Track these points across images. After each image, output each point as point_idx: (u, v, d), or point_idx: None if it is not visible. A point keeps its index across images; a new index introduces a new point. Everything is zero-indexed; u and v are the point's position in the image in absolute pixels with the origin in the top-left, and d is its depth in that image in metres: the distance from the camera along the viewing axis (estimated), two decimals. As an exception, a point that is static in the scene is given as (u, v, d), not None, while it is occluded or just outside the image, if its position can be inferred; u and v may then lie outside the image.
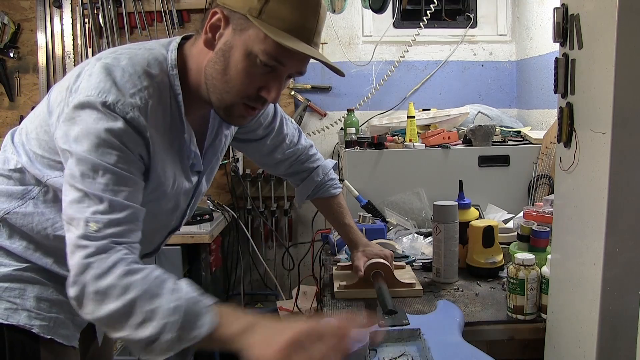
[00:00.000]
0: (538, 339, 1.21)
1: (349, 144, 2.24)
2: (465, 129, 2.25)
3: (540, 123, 2.62)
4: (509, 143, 2.25)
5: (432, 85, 2.97)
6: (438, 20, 2.94)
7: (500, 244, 1.55)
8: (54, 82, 2.80)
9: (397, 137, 2.34)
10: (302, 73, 1.00)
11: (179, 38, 1.02)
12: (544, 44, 2.59)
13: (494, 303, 1.35)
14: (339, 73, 1.00)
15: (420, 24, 2.85)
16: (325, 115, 2.98)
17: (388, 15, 2.88)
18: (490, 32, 3.00)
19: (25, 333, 0.99)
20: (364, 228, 1.67)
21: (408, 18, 2.97)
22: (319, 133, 2.97)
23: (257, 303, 3.10)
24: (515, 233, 1.49)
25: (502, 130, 2.36)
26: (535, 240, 1.37)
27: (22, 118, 2.83)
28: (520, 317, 1.24)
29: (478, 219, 1.61)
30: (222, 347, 0.82)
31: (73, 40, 2.90)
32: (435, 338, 1.09)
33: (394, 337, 1.13)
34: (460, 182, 1.63)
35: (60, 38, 2.89)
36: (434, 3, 2.79)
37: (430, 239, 1.70)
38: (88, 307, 0.82)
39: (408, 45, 2.91)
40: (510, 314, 1.26)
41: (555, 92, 1.07)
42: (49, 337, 1.01)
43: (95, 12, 2.84)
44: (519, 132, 2.36)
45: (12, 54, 2.88)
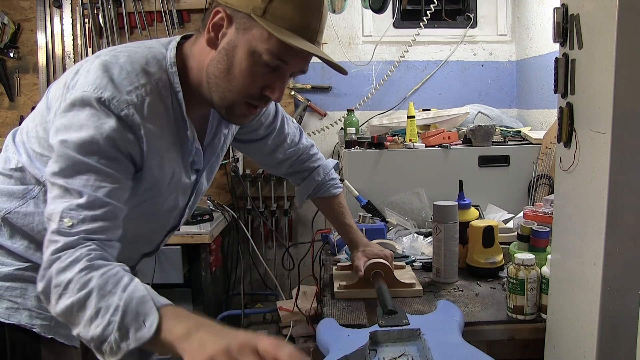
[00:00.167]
0: (538, 339, 1.21)
1: (349, 144, 2.24)
2: (465, 129, 2.25)
3: (540, 123, 2.62)
4: (509, 143, 2.25)
5: (432, 85, 2.97)
6: (438, 20, 2.94)
7: (500, 244, 1.55)
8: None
9: (397, 137, 2.34)
10: (304, 71, 1.00)
11: (179, 37, 1.03)
12: (544, 44, 2.59)
13: (494, 303, 1.35)
14: (342, 71, 1.00)
15: (420, 24, 2.85)
16: (325, 115, 2.98)
17: (388, 15, 2.88)
18: (490, 32, 3.00)
19: (27, 332, 1.00)
20: (364, 228, 1.67)
21: (408, 18, 2.97)
22: (319, 133, 2.97)
23: (257, 303, 3.10)
24: (515, 233, 1.49)
25: (502, 130, 2.36)
26: (535, 240, 1.37)
27: (22, 118, 2.85)
28: (520, 317, 1.24)
29: (478, 219, 1.61)
30: (168, 352, 0.78)
31: (73, 40, 2.89)
32: (435, 338, 1.09)
33: (394, 337, 1.13)
34: (460, 182, 1.63)
35: (60, 38, 2.89)
36: (434, 3, 2.79)
37: (430, 239, 1.70)
38: (52, 301, 0.82)
39: (408, 45, 2.91)
40: (510, 314, 1.26)
41: (555, 92, 1.07)
42: (50, 336, 1.01)
43: (95, 12, 2.84)
44: (519, 132, 2.36)
45: (12, 54, 2.88)
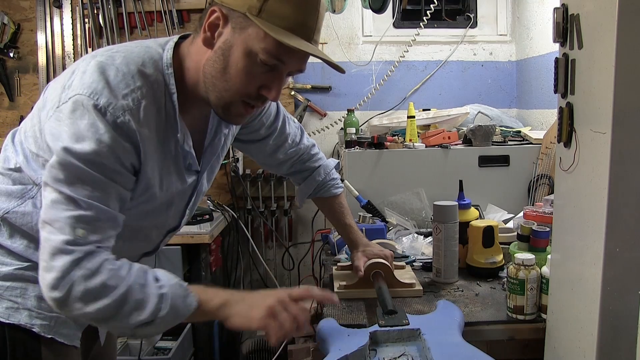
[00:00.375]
0: (538, 339, 1.21)
1: (349, 144, 2.24)
2: (465, 129, 2.25)
3: (540, 123, 2.62)
4: (509, 143, 2.25)
5: (432, 85, 2.97)
6: (438, 20, 2.94)
7: (500, 244, 1.55)
8: (54, 82, 2.79)
9: (397, 137, 2.34)
10: (302, 71, 1.00)
11: (177, 37, 1.02)
12: (544, 44, 2.59)
13: (494, 303, 1.35)
14: (340, 70, 1.00)
15: (420, 24, 2.85)
16: (325, 115, 2.98)
17: (388, 15, 2.88)
18: (490, 32, 3.00)
19: (27, 332, 0.99)
20: (364, 228, 1.67)
21: (408, 18, 2.97)
22: (319, 133, 2.97)
23: (257, 303, 3.10)
24: (515, 233, 1.49)
25: (502, 130, 2.36)
26: (535, 240, 1.37)
27: (22, 118, 2.84)
28: (520, 317, 1.24)
29: (478, 219, 1.61)
30: (207, 319, 0.96)
31: (73, 40, 2.89)
32: (435, 338, 1.09)
33: (394, 337, 1.13)
34: (460, 182, 1.63)
35: (60, 38, 2.89)
36: (434, 3, 2.79)
37: (430, 239, 1.70)
38: (74, 306, 0.87)
39: (408, 45, 2.91)
40: (510, 314, 1.26)
41: (555, 92, 1.07)
42: (50, 336, 1.01)
43: (95, 12, 2.84)
44: (519, 132, 2.36)
45: (12, 54, 2.88)
